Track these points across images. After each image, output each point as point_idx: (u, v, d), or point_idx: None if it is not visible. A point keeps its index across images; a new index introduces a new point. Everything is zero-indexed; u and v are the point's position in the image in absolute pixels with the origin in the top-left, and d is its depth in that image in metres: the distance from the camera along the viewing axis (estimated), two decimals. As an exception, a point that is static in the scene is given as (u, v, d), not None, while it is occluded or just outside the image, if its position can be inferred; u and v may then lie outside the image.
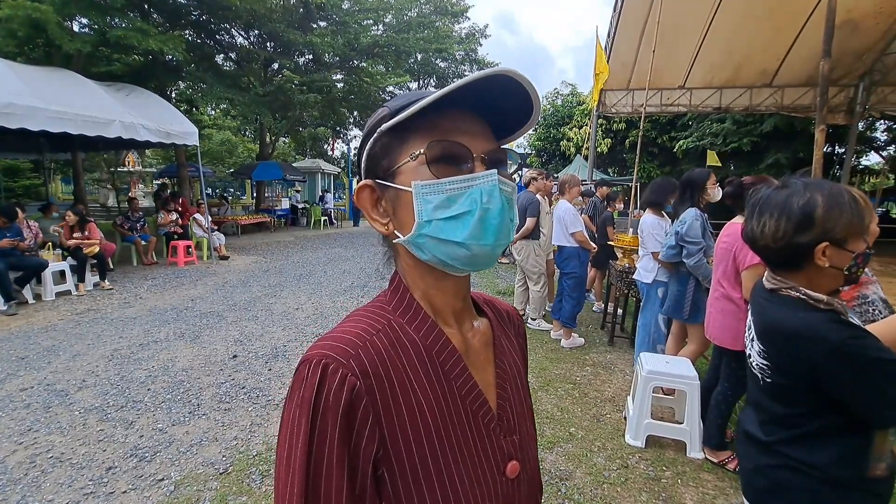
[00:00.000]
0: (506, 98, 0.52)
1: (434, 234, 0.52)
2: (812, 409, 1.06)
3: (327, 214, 16.83)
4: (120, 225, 8.33)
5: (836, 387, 1.01)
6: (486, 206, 0.51)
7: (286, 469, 0.47)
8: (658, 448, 2.79)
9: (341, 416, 0.47)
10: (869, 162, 20.00)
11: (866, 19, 7.48)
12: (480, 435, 0.55)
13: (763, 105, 9.72)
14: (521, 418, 0.62)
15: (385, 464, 0.49)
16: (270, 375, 3.73)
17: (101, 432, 2.86)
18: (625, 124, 18.79)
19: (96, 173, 19.73)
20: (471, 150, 0.52)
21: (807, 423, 1.07)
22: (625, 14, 7.88)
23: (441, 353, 0.55)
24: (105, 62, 9.93)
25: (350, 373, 0.48)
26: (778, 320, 1.09)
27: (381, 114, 0.55)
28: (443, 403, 0.53)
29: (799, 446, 1.08)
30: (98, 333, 4.65)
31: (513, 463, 0.57)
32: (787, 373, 1.08)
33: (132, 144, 10.16)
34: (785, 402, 1.11)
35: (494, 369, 0.61)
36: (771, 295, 1.14)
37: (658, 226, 3.55)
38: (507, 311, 0.73)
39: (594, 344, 4.67)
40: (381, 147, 0.55)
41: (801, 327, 1.03)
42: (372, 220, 0.58)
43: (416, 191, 0.52)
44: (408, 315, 0.56)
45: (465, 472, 0.52)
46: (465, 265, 0.54)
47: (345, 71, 15.69)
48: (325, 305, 5.84)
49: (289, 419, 0.48)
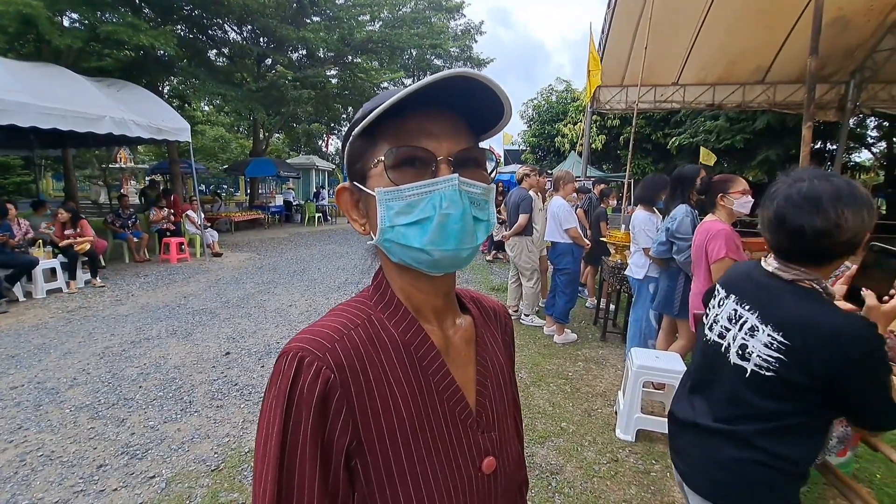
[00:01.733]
0: (482, 96, 0.52)
1: (396, 239, 0.53)
2: (809, 406, 1.04)
3: (322, 211, 16.78)
4: (111, 222, 8.27)
5: (853, 388, 0.99)
6: (445, 211, 0.51)
7: (262, 458, 0.49)
8: (648, 442, 2.82)
9: (315, 407, 0.48)
10: (860, 158, 20.18)
11: (857, 17, 7.52)
12: (457, 431, 0.56)
13: (756, 102, 9.76)
14: (502, 416, 0.63)
15: (358, 455, 0.50)
16: (263, 372, 3.73)
17: (92, 430, 2.85)
18: (619, 121, 18.81)
19: (87, 170, 19.51)
20: (434, 153, 0.51)
21: (793, 418, 1.06)
22: (618, 10, 7.87)
23: (419, 350, 0.56)
24: (96, 58, 9.81)
25: (325, 366, 0.49)
26: (813, 317, 1.03)
27: (357, 117, 0.56)
28: (419, 399, 0.54)
29: (779, 440, 1.07)
30: (89, 331, 4.62)
31: (489, 459, 0.58)
32: (810, 370, 1.01)
33: (124, 141, 10.07)
34: (780, 397, 1.06)
35: (475, 367, 0.62)
36: (792, 287, 1.09)
37: (649, 222, 3.58)
38: (494, 307, 0.73)
39: (587, 339, 4.70)
40: (354, 150, 0.57)
41: (845, 327, 0.99)
42: (352, 221, 0.60)
43: (379, 197, 0.53)
44: (388, 311, 0.57)
45: (439, 465, 0.53)
46: (430, 268, 0.54)
47: (339, 66, 15.61)
48: (320, 302, 5.83)
49: (266, 410, 0.50)
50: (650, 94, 9.78)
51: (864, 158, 20.23)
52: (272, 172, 15.99)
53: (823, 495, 2.33)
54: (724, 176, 2.61)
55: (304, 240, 12.10)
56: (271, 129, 17.97)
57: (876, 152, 19.05)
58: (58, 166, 17.64)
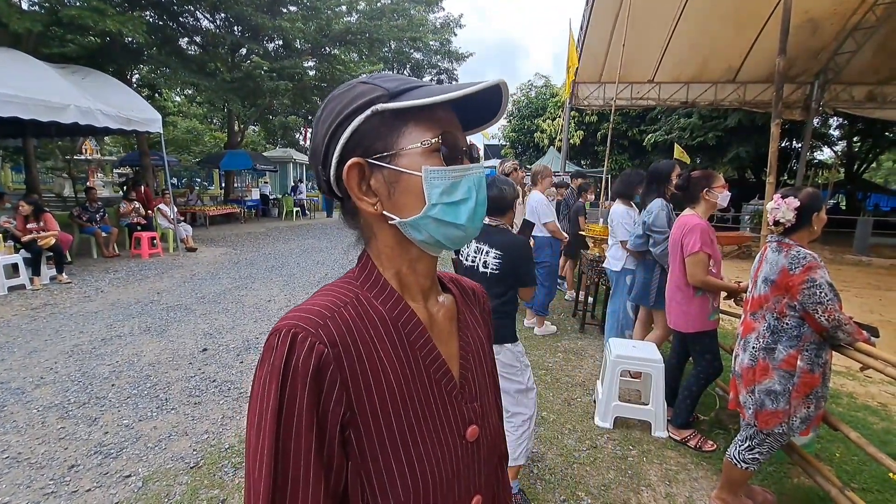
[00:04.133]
0: (480, 100, 0.57)
1: (438, 216, 0.56)
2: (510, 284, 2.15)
3: (300, 205, 16.49)
4: (78, 216, 7.94)
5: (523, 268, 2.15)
6: (479, 193, 0.58)
7: (256, 433, 0.49)
8: (625, 429, 2.91)
9: (310, 381, 0.49)
10: (823, 156, 21.06)
11: (823, 20, 7.83)
12: (443, 401, 0.59)
13: (727, 100, 10.06)
14: (483, 388, 0.66)
15: (352, 426, 0.52)
16: (242, 368, 3.67)
17: (63, 430, 2.75)
18: (597, 117, 19.08)
19: (50, 161, 18.67)
20: (462, 145, 0.58)
21: (512, 292, 2.15)
22: (596, 8, 7.97)
23: (406, 325, 0.58)
24: (58, 43, 9.32)
25: (318, 341, 0.50)
26: (511, 240, 2.18)
27: (373, 92, 0.54)
28: (407, 371, 0.56)
29: (505, 308, 2.14)
30: (56, 329, 4.45)
31: (472, 427, 0.61)
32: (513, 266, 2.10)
33: (90, 131, 9.66)
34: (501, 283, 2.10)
35: (458, 342, 0.65)
36: (496, 228, 2.19)
37: (627, 216, 3.66)
38: (473, 288, 0.76)
39: (566, 331, 4.79)
40: (374, 126, 0.54)
41: (519, 239, 2.24)
42: (358, 200, 0.57)
43: (426, 176, 0.54)
44: (374, 290, 0.59)
45: (428, 434, 0.56)
46: (453, 244, 0.59)
47: (317, 58, 15.29)
48: (299, 297, 5.75)
49: (259, 385, 0.51)
50: (627, 91, 9.96)
51: (826, 156, 21.12)
52: (248, 166, 15.60)
53: (788, 474, 2.45)
54: (704, 172, 2.70)
55: (282, 234, 11.90)
56: (246, 122, 17.50)
57: (837, 150, 19.91)
58: (18, 157, 16.83)
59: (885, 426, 3.01)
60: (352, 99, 0.55)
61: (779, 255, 1.88)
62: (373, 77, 0.57)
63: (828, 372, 1.85)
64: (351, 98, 0.55)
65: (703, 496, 2.29)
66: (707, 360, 2.66)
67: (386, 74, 0.58)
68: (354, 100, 0.55)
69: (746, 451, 2.00)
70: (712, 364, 2.65)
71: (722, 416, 2.99)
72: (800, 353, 1.82)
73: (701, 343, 2.67)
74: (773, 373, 1.86)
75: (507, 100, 0.57)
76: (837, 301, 1.76)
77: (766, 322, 1.91)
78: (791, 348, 1.84)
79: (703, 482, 2.40)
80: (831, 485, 2.02)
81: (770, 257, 1.93)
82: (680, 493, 2.32)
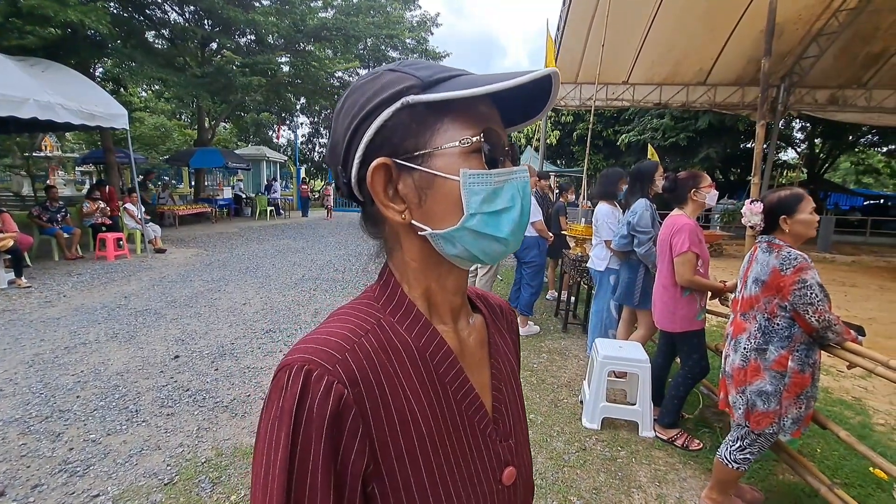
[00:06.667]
0: (522, 95, 0.49)
1: (477, 227, 0.48)
2: None
3: (274, 204, 16.10)
4: (37, 216, 7.51)
5: None
6: (524, 202, 0.50)
7: (263, 489, 0.41)
8: (613, 429, 2.91)
9: (326, 428, 0.41)
10: (787, 157, 21.94)
11: (789, 24, 8.10)
12: (476, 441, 0.52)
13: (698, 102, 10.33)
14: (517, 421, 0.59)
15: (376, 479, 0.44)
16: (217, 376, 3.52)
17: (24, 446, 2.56)
18: (573, 117, 19.33)
19: (8, 158, 17.67)
20: (506, 143, 0.50)
21: None
22: (573, 9, 8.03)
23: (435, 356, 0.51)
24: (17, 35, 8.78)
25: (337, 380, 0.43)
26: None
27: (402, 82, 0.47)
28: (437, 409, 0.49)
29: None
30: (15, 336, 4.17)
31: (509, 469, 0.54)
32: None
33: (50, 127, 9.11)
34: None
35: (490, 370, 0.58)
36: None
37: (612, 215, 3.68)
38: (500, 305, 0.69)
39: (549, 331, 4.79)
40: (403, 121, 0.47)
41: None
42: (384, 207, 0.49)
43: (465, 180, 0.46)
44: (399, 313, 0.51)
45: (462, 482, 0.49)
46: (491, 259, 0.51)
47: (291, 54, 14.94)
48: (275, 300, 5.58)
49: (266, 433, 0.43)
50: (602, 91, 10.09)
51: (790, 157, 22.01)
52: (219, 164, 15.12)
53: (774, 471, 2.50)
54: (691, 172, 2.74)
55: (256, 234, 11.58)
56: (217, 118, 16.97)
57: (800, 151, 20.75)
58: (-30, 154, 15.87)
59: (861, 420, 3.11)
60: (378, 90, 0.47)
61: (769, 255, 1.90)
62: (402, 64, 0.49)
63: (817, 372, 1.88)
64: (377, 89, 0.47)
65: (693, 496, 2.30)
66: (694, 359, 2.68)
67: (417, 61, 0.50)
68: (381, 91, 0.47)
69: (738, 451, 2.02)
70: (700, 364, 2.68)
71: (706, 415, 3.03)
72: (791, 354, 1.84)
73: (689, 343, 2.69)
74: (765, 373, 1.88)
75: (557, 93, 0.49)
76: (827, 301, 1.78)
77: (756, 322, 1.93)
78: (782, 349, 1.85)
79: (692, 482, 2.42)
80: (819, 482, 2.06)
81: (760, 258, 1.94)
82: (670, 493, 2.33)
